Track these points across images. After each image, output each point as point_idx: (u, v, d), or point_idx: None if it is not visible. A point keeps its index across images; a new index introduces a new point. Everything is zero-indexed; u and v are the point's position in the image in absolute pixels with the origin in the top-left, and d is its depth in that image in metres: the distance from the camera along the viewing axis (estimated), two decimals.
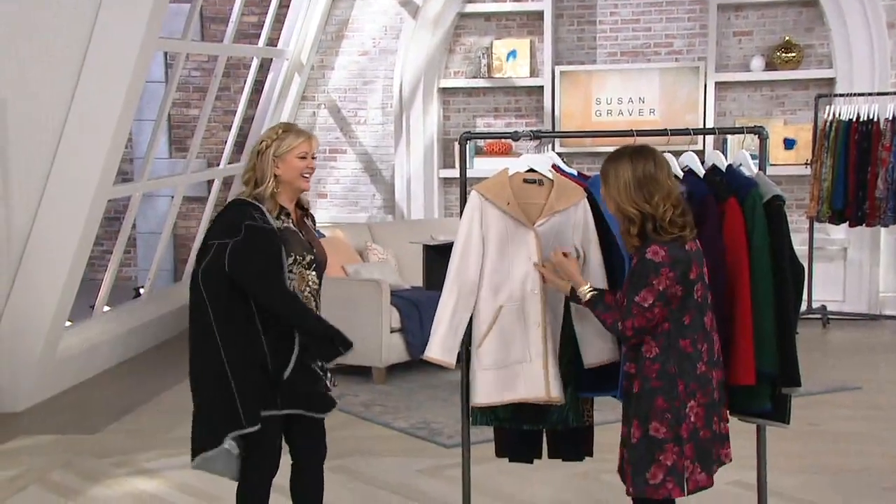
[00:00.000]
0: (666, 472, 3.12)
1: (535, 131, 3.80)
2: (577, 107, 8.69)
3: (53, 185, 6.03)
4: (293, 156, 3.50)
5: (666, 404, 3.12)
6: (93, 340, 7.08)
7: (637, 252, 3.15)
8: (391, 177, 9.20)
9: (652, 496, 3.15)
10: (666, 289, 3.08)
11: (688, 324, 3.15)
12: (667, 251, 3.09)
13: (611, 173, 3.15)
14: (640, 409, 3.15)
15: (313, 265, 3.55)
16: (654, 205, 3.10)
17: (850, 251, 8.42)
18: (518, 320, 3.55)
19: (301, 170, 3.52)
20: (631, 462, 3.17)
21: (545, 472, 4.44)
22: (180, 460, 5.20)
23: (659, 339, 3.14)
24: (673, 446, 3.12)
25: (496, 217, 3.58)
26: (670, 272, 3.08)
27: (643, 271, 3.09)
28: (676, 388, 3.13)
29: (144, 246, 10.64)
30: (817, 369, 6.55)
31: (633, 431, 3.17)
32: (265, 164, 3.48)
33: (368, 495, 4.71)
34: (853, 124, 7.73)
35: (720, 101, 8.65)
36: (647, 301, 3.08)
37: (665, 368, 3.13)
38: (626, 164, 3.13)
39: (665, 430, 3.12)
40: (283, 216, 3.53)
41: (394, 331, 6.72)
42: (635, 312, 3.10)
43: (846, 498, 4.58)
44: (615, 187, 3.13)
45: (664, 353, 3.13)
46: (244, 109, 8.89)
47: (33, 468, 5.17)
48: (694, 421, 3.14)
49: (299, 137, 3.53)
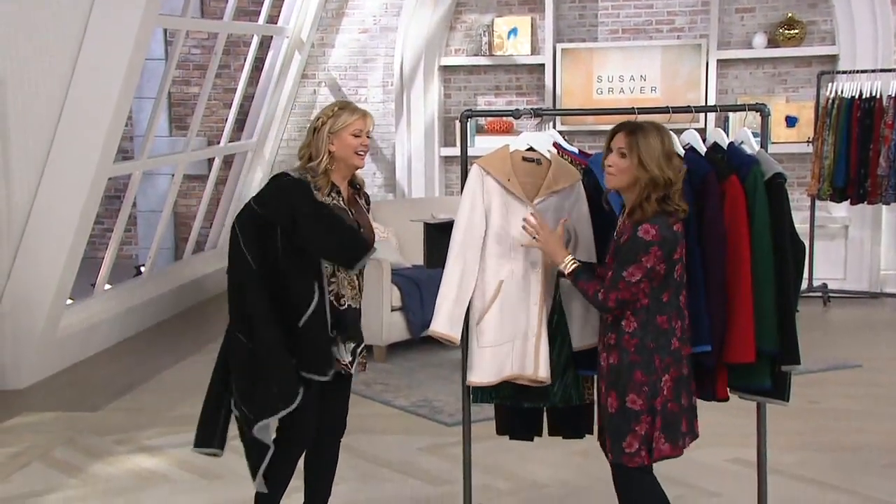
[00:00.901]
0: (640, 442, 3.22)
1: (536, 109, 3.78)
2: (579, 85, 8.66)
3: (53, 163, 6.03)
4: (348, 133, 3.54)
5: (644, 378, 3.20)
6: (94, 318, 7.10)
7: (629, 229, 3.19)
8: (392, 155, 9.18)
9: (628, 464, 3.25)
10: (653, 266, 3.15)
11: (665, 301, 3.21)
12: (657, 230, 3.15)
13: (641, 142, 3.18)
14: (618, 381, 3.23)
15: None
16: (677, 178, 3.19)
17: (851, 229, 8.41)
18: (517, 296, 3.56)
19: (355, 147, 3.56)
20: (609, 430, 3.27)
21: (545, 449, 4.45)
22: (181, 438, 5.23)
23: (638, 314, 3.20)
24: (647, 417, 3.21)
25: (497, 192, 3.58)
26: (659, 251, 3.14)
27: (634, 248, 3.15)
28: (653, 363, 3.20)
29: (145, 224, 10.64)
30: (817, 347, 6.55)
31: (610, 402, 3.25)
32: (320, 141, 3.54)
33: (369, 473, 4.73)
34: (855, 101, 7.69)
35: (722, 78, 8.61)
36: (635, 277, 3.15)
37: (644, 343, 3.20)
38: (655, 135, 3.20)
39: (641, 403, 3.20)
40: (333, 193, 3.57)
41: (394, 309, 6.72)
42: (621, 287, 3.17)
43: (845, 475, 4.60)
44: (649, 155, 3.16)
45: (643, 328, 3.20)
46: (244, 87, 8.86)
47: (36, 445, 5.19)
48: (666, 394, 3.22)
49: (354, 115, 3.57)
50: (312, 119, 3.63)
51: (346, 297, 3.59)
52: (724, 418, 4.59)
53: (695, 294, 3.33)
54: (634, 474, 3.26)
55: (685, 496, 4.29)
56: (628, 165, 3.20)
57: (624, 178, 3.22)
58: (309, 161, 3.55)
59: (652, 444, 3.21)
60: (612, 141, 3.25)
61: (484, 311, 3.58)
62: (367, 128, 3.61)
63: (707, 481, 4.51)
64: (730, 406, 3.60)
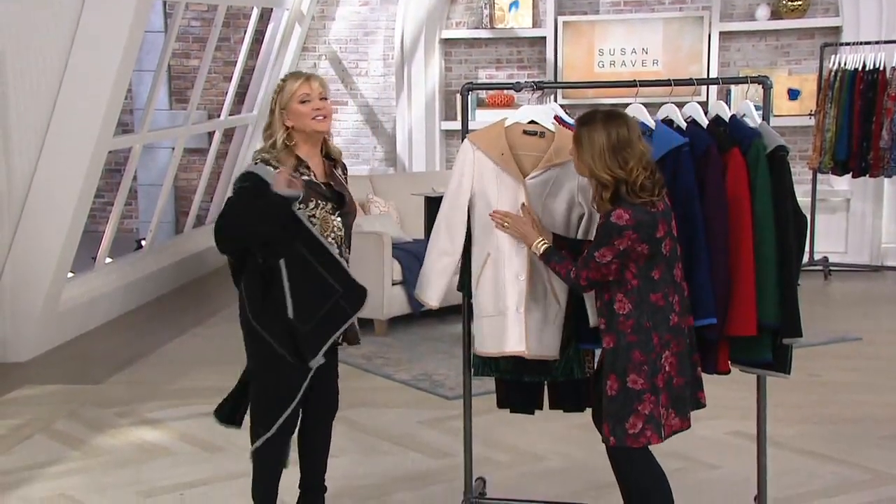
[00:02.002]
0: (644, 421, 3.18)
1: (537, 82, 3.76)
2: (580, 58, 8.61)
3: (53, 136, 6.01)
4: (295, 102, 3.41)
5: (643, 357, 3.17)
6: (95, 292, 7.11)
7: (604, 213, 3.17)
8: (392, 129, 9.15)
9: (633, 445, 3.20)
10: (627, 248, 3.12)
11: (657, 278, 3.19)
12: (631, 214, 3.11)
13: (584, 139, 3.13)
14: (616, 363, 3.19)
15: (337, 211, 3.50)
16: (629, 170, 3.11)
17: (852, 202, 8.39)
18: (503, 270, 3.55)
19: (308, 114, 3.42)
20: (609, 414, 3.22)
21: (546, 423, 4.47)
22: (182, 411, 5.26)
23: (630, 295, 3.18)
24: (650, 396, 3.17)
25: (487, 167, 3.57)
26: (634, 233, 3.11)
27: (607, 232, 3.13)
28: (651, 342, 3.17)
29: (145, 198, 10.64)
30: (818, 320, 6.56)
31: (610, 384, 3.21)
32: (276, 119, 3.44)
33: (370, 446, 4.75)
34: (858, 73, 7.65)
35: (724, 51, 8.56)
36: (605, 258, 3.14)
37: (640, 323, 3.17)
38: (600, 130, 3.11)
39: (642, 382, 3.17)
40: (302, 168, 3.45)
41: (395, 283, 6.72)
42: (592, 266, 3.16)
43: (845, 447, 4.61)
44: (590, 153, 3.12)
45: (637, 308, 3.17)
46: (244, 60, 8.82)
47: (38, 417, 5.21)
48: (668, 370, 3.20)
49: (296, 81, 3.43)
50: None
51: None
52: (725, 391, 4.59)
53: (698, 267, 3.33)
54: (635, 454, 3.23)
55: (685, 469, 4.30)
56: (577, 159, 3.19)
57: (582, 170, 3.21)
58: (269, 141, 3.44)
59: (660, 422, 3.18)
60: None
61: (476, 283, 3.61)
62: (315, 91, 3.41)
63: (707, 454, 4.53)
64: (730, 379, 3.60)
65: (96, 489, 4.30)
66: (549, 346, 3.58)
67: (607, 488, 4.07)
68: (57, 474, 4.48)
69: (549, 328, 3.58)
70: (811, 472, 4.35)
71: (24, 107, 5.90)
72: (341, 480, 4.30)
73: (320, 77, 3.55)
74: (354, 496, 4.18)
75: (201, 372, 5.93)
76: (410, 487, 4.26)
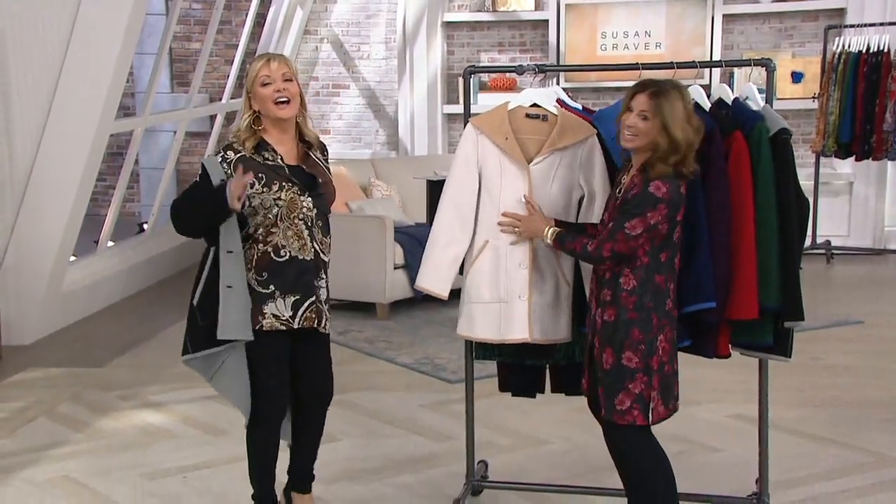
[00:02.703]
0: (633, 400, 3.19)
1: (539, 66, 3.74)
2: (583, 41, 8.58)
3: (55, 119, 5.99)
4: (258, 85, 3.29)
5: (641, 335, 3.17)
6: (97, 275, 7.11)
7: (639, 184, 3.14)
8: (394, 112, 9.13)
9: (618, 421, 3.22)
10: (656, 223, 3.12)
11: (664, 261, 3.19)
12: (668, 188, 3.11)
13: (666, 108, 3.11)
14: (615, 337, 3.19)
15: (306, 192, 3.37)
16: (696, 139, 3.15)
17: (855, 185, 8.38)
18: (503, 258, 3.53)
19: (269, 97, 3.28)
20: (604, 386, 3.24)
21: (548, 406, 4.47)
22: (185, 394, 5.27)
23: (637, 272, 3.17)
24: (642, 376, 3.18)
25: (491, 152, 3.54)
26: (665, 209, 3.11)
27: (642, 202, 3.11)
28: (651, 322, 3.18)
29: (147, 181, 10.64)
30: (820, 304, 6.55)
31: (605, 357, 3.22)
32: (244, 103, 3.37)
33: (371, 430, 4.75)
34: (862, 56, 7.61)
35: (727, 33, 8.53)
36: (636, 230, 3.12)
37: (643, 301, 3.17)
38: (678, 96, 3.14)
39: (637, 361, 3.17)
40: (265, 152, 3.35)
41: (397, 267, 6.72)
42: (619, 238, 3.14)
43: (846, 430, 4.62)
44: (673, 120, 3.10)
45: (642, 286, 3.17)
46: (246, 43, 8.80)
47: (41, 400, 5.22)
48: (661, 355, 3.20)
49: (258, 63, 3.31)
50: None
51: (288, 248, 3.35)
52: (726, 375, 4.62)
53: (700, 250, 3.32)
54: (628, 432, 3.24)
55: (687, 452, 4.31)
56: (649, 128, 3.13)
57: (644, 140, 3.15)
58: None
59: (648, 403, 3.19)
60: (632, 101, 3.17)
61: (469, 268, 3.59)
62: (275, 72, 3.26)
63: (708, 437, 4.53)
64: (731, 363, 3.59)
65: (99, 472, 4.31)
66: (560, 329, 3.58)
67: (609, 471, 4.06)
68: (60, 457, 4.49)
69: (561, 312, 3.57)
70: (813, 455, 4.35)
71: (26, 89, 5.89)
72: (343, 463, 4.32)
73: (283, 56, 3.40)
74: (356, 479, 4.18)
75: None
76: (412, 471, 4.26)
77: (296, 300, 3.38)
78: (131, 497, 4.05)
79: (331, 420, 4.67)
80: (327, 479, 4.11)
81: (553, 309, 3.56)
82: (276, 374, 3.42)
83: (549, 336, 3.58)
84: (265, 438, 3.51)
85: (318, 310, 3.44)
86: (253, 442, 3.52)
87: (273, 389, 3.42)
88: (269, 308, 3.36)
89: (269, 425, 3.48)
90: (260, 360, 3.39)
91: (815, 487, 4.03)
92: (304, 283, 3.39)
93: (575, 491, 3.96)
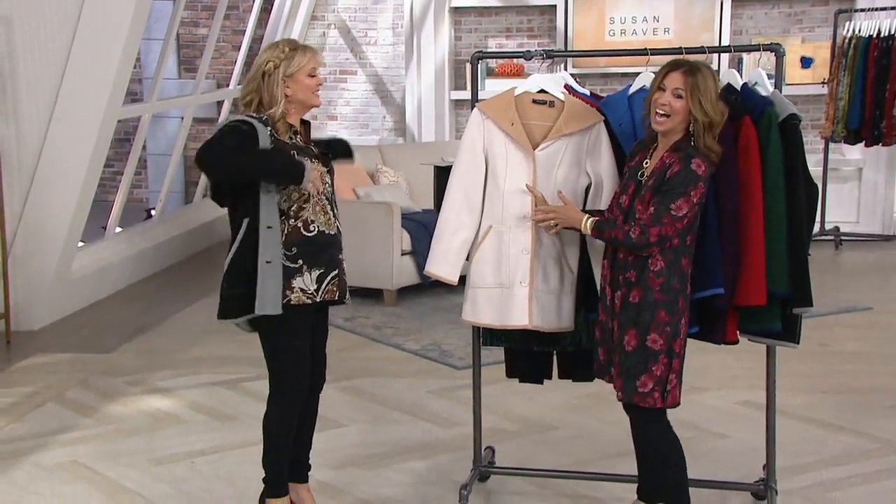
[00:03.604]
0: (655, 382, 3.17)
1: (547, 51, 3.71)
2: (591, 26, 8.54)
3: (63, 105, 5.99)
4: (304, 74, 3.39)
5: (668, 318, 3.15)
6: (105, 261, 7.12)
7: (678, 163, 3.12)
8: (402, 98, 9.11)
9: (640, 403, 3.19)
10: (698, 202, 3.10)
11: (688, 244, 3.18)
12: (706, 167, 3.11)
13: (701, 85, 3.12)
14: (640, 319, 3.16)
15: (327, 169, 3.50)
16: (721, 121, 3.16)
17: (865, 171, 8.34)
18: (507, 244, 3.53)
19: (313, 88, 3.43)
20: (623, 368, 3.21)
21: (555, 392, 4.46)
22: (193, 380, 5.28)
23: (666, 254, 3.15)
24: (665, 358, 3.16)
25: (498, 136, 3.53)
26: (703, 188, 3.11)
27: (684, 181, 3.09)
28: (677, 304, 3.16)
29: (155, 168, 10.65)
30: (828, 290, 6.53)
31: (627, 339, 3.19)
32: (274, 86, 3.36)
33: (379, 416, 4.75)
34: (873, 41, 7.55)
35: (736, 18, 8.48)
36: (682, 210, 3.09)
37: (670, 283, 3.15)
38: (710, 74, 3.15)
39: (661, 343, 3.15)
40: (292, 134, 3.45)
41: (405, 253, 6.71)
42: (665, 221, 3.10)
43: (854, 417, 4.61)
44: (705, 95, 3.11)
45: (669, 268, 3.15)
46: (253, 29, 8.78)
47: (50, 385, 5.23)
48: (682, 338, 3.20)
49: (306, 54, 3.41)
50: (258, 62, 3.42)
51: (317, 224, 3.41)
52: (734, 361, 4.62)
53: (708, 236, 3.31)
54: (650, 416, 3.22)
55: (694, 438, 4.30)
56: (684, 106, 3.13)
57: (677, 119, 3.15)
58: (259, 106, 3.38)
59: (666, 387, 3.18)
60: (664, 79, 3.15)
61: (474, 254, 3.59)
62: (321, 65, 3.47)
63: (716, 423, 4.53)
64: (739, 349, 3.58)
65: (108, 457, 4.32)
66: (563, 317, 3.57)
67: (616, 457, 4.10)
68: (69, 441, 4.50)
69: (564, 300, 3.56)
70: (820, 442, 4.34)
71: (33, 75, 5.88)
72: (350, 450, 4.32)
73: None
74: (363, 466, 4.18)
75: (211, 341, 5.95)
76: (419, 457, 4.26)
77: (320, 273, 3.42)
78: (139, 482, 4.06)
79: (338, 406, 4.72)
80: (334, 465, 4.11)
81: (556, 296, 3.55)
82: (303, 350, 3.44)
83: (552, 324, 3.57)
84: (289, 416, 3.48)
85: (340, 282, 3.49)
86: (274, 421, 3.49)
87: (300, 365, 3.45)
88: (297, 283, 3.39)
89: (293, 401, 3.47)
90: (287, 334, 3.41)
91: (823, 474, 4.02)
92: (329, 256, 3.45)
93: (582, 477, 3.95)
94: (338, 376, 4.88)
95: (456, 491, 3.79)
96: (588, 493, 3.87)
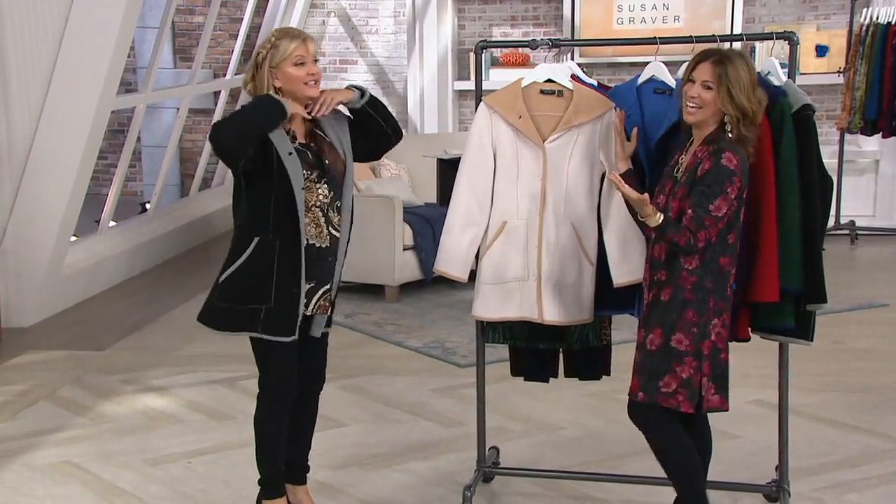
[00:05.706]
0: (679, 384, 3.10)
1: (553, 40, 3.65)
2: (598, 15, 8.44)
3: (54, 95, 5.91)
4: (289, 64, 3.23)
5: (696, 318, 3.09)
6: (99, 256, 7.05)
7: (708, 158, 3.04)
8: (404, 89, 9.05)
9: (664, 403, 3.13)
10: (736, 197, 3.03)
11: (731, 243, 3.11)
12: (739, 160, 3.04)
13: (732, 75, 3.04)
14: (666, 317, 3.10)
15: (323, 179, 3.32)
16: (760, 109, 3.09)
17: (882, 164, 8.23)
18: (519, 239, 3.51)
19: (301, 78, 3.24)
20: (644, 368, 3.14)
21: (561, 391, 4.42)
22: (189, 378, 5.23)
23: (703, 252, 3.07)
24: (692, 360, 3.09)
25: (505, 131, 3.49)
26: (739, 182, 3.03)
27: (718, 179, 3.01)
28: (707, 304, 3.09)
29: (150, 160, 10.56)
30: (843, 286, 6.44)
31: (652, 338, 3.12)
32: (263, 78, 3.25)
33: (381, 414, 4.70)
34: (891, 27, 7.41)
35: (749, 6, 8.38)
36: (721, 210, 3.02)
37: (702, 283, 3.08)
38: (743, 63, 3.07)
39: (688, 344, 3.09)
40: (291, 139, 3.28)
41: (407, 248, 6.64)
42: (708, 223, 3.02)
43: (869, 416, 4.54)
44: (739, 88, 3.04)
45: (703, 267, 3.08)
46: (251, 17, 8.72)
47: (42, 383, 5.17)
48: (714, 340, 3.12)
49: (293, 42, 3.23)
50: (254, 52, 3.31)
51: (308, 237, 3.29)
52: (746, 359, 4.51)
53: None
54: (663, 417, 3.14)
55: None
56: (714, 98, 3.05)
57: (708, 111, 3.08)
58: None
59: (694, 390, 3.09)
60: (693, 71, 3.09)
61: (486, 249, 3.54)
62: (310, 54, 3.24)
63: (728, 423, 4.41)
64: (751, 347, 3.52)
65: (102, 457, 4.26)
66: (583, 309, 3.54)
67: (623, 458, 4.08)
68: (62, 441, 4.44)
69: (583, 292, 3.52)
70: (834, 442, 4.29)
71: (24, 65, 5.81)
72: (352, 448, 4.28)
73: (313, 37, 3.38)
74: (364, 466, 4.13)
75: (208, 338, 5.75)
76: (422, 457, 4.21)
77: (311, 287, 3.34)
78: (134, 482, 4.01)
79: (339, 405, 4.67)
80: (335, 465, 4.08)
81: (574, 289, 3.52)
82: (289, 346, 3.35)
83: (573, 317, 3.53)
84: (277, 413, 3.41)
85: (330, 298, 3.42)
86: (261, 417, 3.43)
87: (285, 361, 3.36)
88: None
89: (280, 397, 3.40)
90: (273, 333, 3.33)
91: (837, 475, 3.97)
92: (320, 270, 3.35)
93: (588, 478, 3.92)
94: (338, 374, 4.83)
95: (459, 492, 3.75)
96: (595, 494, 3.82)
